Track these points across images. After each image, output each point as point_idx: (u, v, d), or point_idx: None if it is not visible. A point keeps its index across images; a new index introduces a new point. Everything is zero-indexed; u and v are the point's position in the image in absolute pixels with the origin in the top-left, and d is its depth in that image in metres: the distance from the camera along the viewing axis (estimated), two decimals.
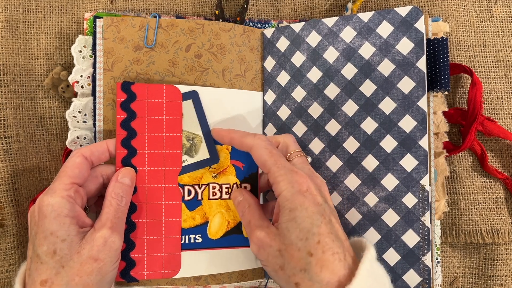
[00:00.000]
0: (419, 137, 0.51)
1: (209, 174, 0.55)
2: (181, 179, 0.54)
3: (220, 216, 0.55)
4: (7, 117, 0.58)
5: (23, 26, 0.61)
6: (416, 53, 0.52)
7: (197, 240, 0.54)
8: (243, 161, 0.56)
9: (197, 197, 0.54)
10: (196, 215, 0.54)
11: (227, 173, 0.55)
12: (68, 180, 0.47)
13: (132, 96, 0.53)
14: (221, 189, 0.55)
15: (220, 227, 0.55)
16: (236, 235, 0.55)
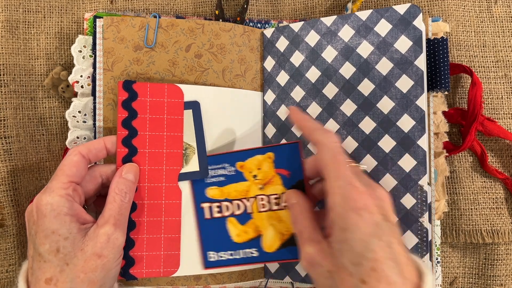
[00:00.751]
0: (418, 137, 0.51)
1: (255, 187, 0.53)
2: (228, 194, 0.54)
3: (273, 229, 0.53)
4: (7, 117, 0.58)
5: (23, 26, 0.61)
6: (414, 51, 0.52)
7: (253, 254, 0.53)
8: (288, 169, 0.53)
9: (247, 211, 0.53)
10: (248, 229, 0.53)
11: (274, 183, 0.53)
12: (66, 179, 0.46)
13: (133, 95, 0.53)
14: (269, 200, 0.53)
15: (275, 240, 0.53)
16: (292, 247, 0.52)
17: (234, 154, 0.54)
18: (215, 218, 0.54)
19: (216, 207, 0.54)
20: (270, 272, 0.59)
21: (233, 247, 0.53)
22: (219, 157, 0.54)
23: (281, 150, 0.52)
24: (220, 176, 0.54)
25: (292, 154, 0.52)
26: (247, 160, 0.53)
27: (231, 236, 0.53)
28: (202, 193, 0.54)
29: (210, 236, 0.54)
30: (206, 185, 0.54)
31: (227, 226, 0.54)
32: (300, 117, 0.49)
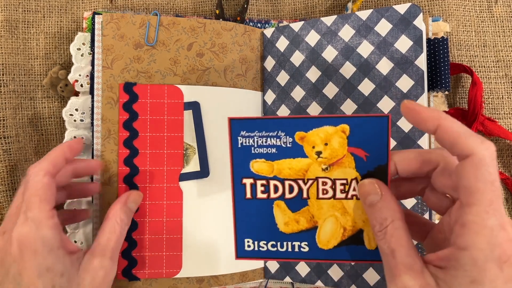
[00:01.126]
0: (418, 137, 0.51)
1: (317, 166, 0.41)
2: (279, 171, 0.42)
3: (333, 221, 0.42)
4: (6, 117, 0.58)
5: (22, 26, 0.61)
6: (415, 51, 0.52)
7: (303, 249, 0.43)
8: (367, 149, 0.41)
9: (302, 195, 0.42)
10: (300, 217, 0.43)
11: (343, 165, 0.41)
12: (48, 206, 0.42)
13: (134, 97, 0.53)
14: (334, 186, 0.42)
15: (333, 235, 0.43)
16: (355, 246, 0.42)
17: (294, 120, 0.41)
18: (258, 200, 0.43)
19: (261, 185, 0.43)
20: (270, 272, 0.59)
21: (278, 237, 0.43)
22: (272, 122, 0.41)
23: (361, 123, 0.40)
24: (271, 146, 0.42)
25: (376, 130, 0.40)
26: (311, 131, 0.41)
27: (277, 224, 0.43)
28: (244, 165, 0.42)
29: (250, 220, 0.43)
30: (251, 155, 0.42)
31: (273, 211, 0.43)
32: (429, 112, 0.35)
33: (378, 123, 0.40)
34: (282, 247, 0.43)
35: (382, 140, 0.40)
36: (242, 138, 0.41)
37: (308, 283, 0.58)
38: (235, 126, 0.40)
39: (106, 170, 0.53)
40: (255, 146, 0.42)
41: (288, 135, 0.41)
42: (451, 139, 0.33)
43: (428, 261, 0.35)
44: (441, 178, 0.37)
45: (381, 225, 0.36)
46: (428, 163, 0.37)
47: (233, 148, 0.42)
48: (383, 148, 0.40)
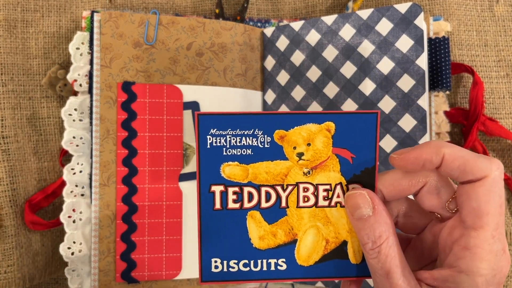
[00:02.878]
0: (419, 137, 0.51)
1: (298, 170, 0.36)
2: (255, 176, 0.36)
3: (315, 233, 0.37)
4: (5, 117, 0.58)
5: (21, 25, 0.61)
6: (415, 50, 0.52)
7: (280, 267, 0.37)
8: (354, 150, 0.36)
9: (280, 204, 0.37)
10: (278, 230, 0.37)
11: (327, 168, 0.37)
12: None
13: (132, 96, 0.52)
14: (317, 192, 0.37)
15: (315, 249, 0.37)
16: (339, 260, 0.38)
17: (273, 116, 0.36)
18: (229, 210, 0.37)
19: (233, 193, 0.37)
20: None
21: (251, 255, 0.37)
22: (248, 118, 0.35)
23: (347, 120, 0.36)
24: (246, 147, 0.36)
25: (364, 128, 0.36)
26: (292, 129, 0.36)
27: (251, 239, 0.37)
28: (214, 169, 0.36)
29: (218, 236, 0.37)
30: (222, 157, 0.36)
31: (246, 223, 0.37)
32: (434, 146, 0.33)
33: (366, 121, 0.36)
34: (256, 266, 0.37)
35: (371, 139, 0.36)
36: (212, 137, 0.35)
37: (308, 283, 0.57)
38: (204, 123, 0.35)
39: (105, 170, 0.53)
40: (227, 147, 0.36)
41: (266, 133, 0.36)
42: (460, 165, 0.32)
43: (421, 279, 0.33)
44: (430, 197, 0.35)
45: (374, 243, 0.33)
46: (415, 184, 0.35)
47: (200, 149, 0.36)
48: (371, 149, 0.36)
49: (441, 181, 0.35)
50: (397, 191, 0.35)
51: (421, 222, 0.38)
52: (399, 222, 0.38)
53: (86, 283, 0.55)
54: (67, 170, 0.56)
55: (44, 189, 0.59)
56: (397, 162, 0.34)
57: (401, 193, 0.35)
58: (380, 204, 0.34)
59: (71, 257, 0.54)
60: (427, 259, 0.37)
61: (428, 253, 0.37)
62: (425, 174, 0.35)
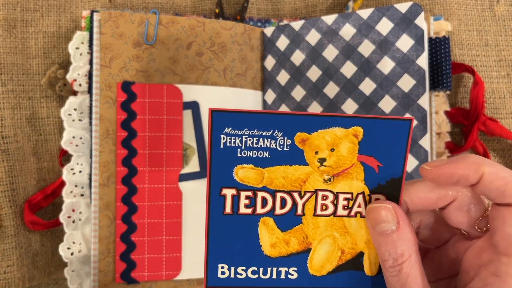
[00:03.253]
0: (420, 137, 0.51)
1: (318, 176, 0.34)
2: (271, 181, 0.34)
3: (331, 243, 0.36)
4: (4, 117, 0.57)
5: (21, 25, 0.61)
6: (416, 50, 0.52)
7: (290, 276, 0.36)
8: (381, 158, 0.34)
9: (296, 211, 0.35)
10: (291, 238, 0.35)
11: (350, 176, 0.34)
12: None
13: (132, 96, 0.52)
14: (336, 201, 0.35)
15: (329, 259, 0.36)
16: (354, 271, 0.36)
17: (295, 117, 0.33)
18: (240, 215, 0.35)
19: (245, 197, 0.35)
20: None
21: (261, 262, 0.36)
22: (267, 117, 0.33)
23: (377, 126, 0.33)
24: (263, 149, 0.33)
25: (394, 136, 0.33)
26: (315, 133, 0.33)
27: (262, 246, 0.35)
28: (226, 171, 0.34)
29: (227, 241, 0.35)
30: (236, 159, 0.33)
31: (257, 230, 0.35)
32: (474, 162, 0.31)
33: (398, 128, 0.33)
34: (266, 273, 0.36)
35: (401, 148, 0.33)
36: (227, 137, 0.33)
37: None
38: (218, 121, 0.32)
39: (105, 170, 0.53)
40: (242, 148, 0.33)
41: (287, 136, 0.33)
42: (500, 187, 0.29)
43: None
44: (458, 213, 0.33)
45: (395, 260, 0.31)
46: (444, 198, 0.32)
47: (213, 148, 0.33)
48: (400, 159, 0.33)
49: (473, 198, 0.33)
50: (424, 204, 0.33)
51: (444, 236, 0.36)
52: (420, 233, 0.36)
53: (86, 284, 0.55)
54: (66, 170, 0.56)
55: (44, 189, 0.59)
56: (429, 175, 0.32)
57: (428, 206, 0.34)
58: (405, 219, 0.32)
59: (70, 257, 0.54)
60: (445, 273, 0.35)
61: (448, 267, 0.35)
62: (457, 189, 0.32)
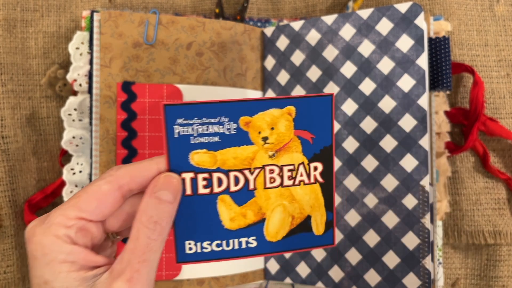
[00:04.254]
0: (419, 137, 0.51)
1: (263, 153, 0.39)
2: (223, 162, 0.38)
3: (282, 211, 0.40)
4: (4, 117, 0.57)
5: (21, 25, 0.61)
6: (416, 50, 0.52)
7: (250, 244, 0.40)
8: (313, 131, 0.39)
9: (248, 186, 0.39)
10: (247, 211, 0.40)
11: (290, 150, 0.39)
12: (74, 213, 0.34)
13: (132, 96, 0.52)
14: (282, 173, 0.39)
15: (282, 225, 0.40)
16: (304, 233, 0.41)
17: (237, 104, 0.38)
18: (200, 196, 0.38)
19: (202, 179, 0.38)
20: (271, 273, 0.59)
21: (223, 235, 0.40)
22: (214, 106, 0.37)
23: (306, 104, 0.39)
24: (214, 135, 0.38)
25: (321, 110, 0.39)
26: (256, 115, 0.38)
27: (222, 221, 0.39)
28: (183, 158, 0.37)
29: (190, 220, 0.39)
30: (190, 146, 0.37)
31: (217, 207, 0.39)
32: None
33: (322, 103, 0.39)
34: (228, 245, 0.40)
35: (327, 120, 0.39)
36: (180, 127, 0.37)
37: (308, 284, 0.57)
38: (170, 113, 0.36)
39: (105, 170, 0.53)
40: (194, 135, 0.37)
41: (232, 120, 0.38)
42: None
43: None
44: None
45: None
46: None
47: (168, 138, 0.37)
48: (328, 129, 0.39)
49: None
50: None
51: None
52: None
53: None
54: (66, 170, 0.56)
55: (44, 189, 0.59)
56: None
57: None
58: None
59: None
60: None
61: None
62: None
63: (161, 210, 0.34)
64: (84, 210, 0.33)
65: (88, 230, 0.34)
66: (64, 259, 0.33)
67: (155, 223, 0.34)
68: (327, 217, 0.41)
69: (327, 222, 0.41)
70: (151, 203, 0.34)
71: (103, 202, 0.34)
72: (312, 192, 0.40)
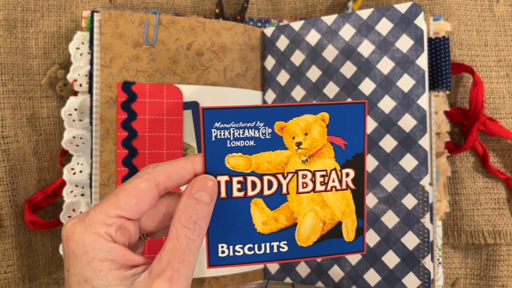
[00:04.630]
0: (419, 137, 0.51)
1: (297, 158, 0.39)
2: (258, 166, 0.38)
3: (313, 216, 0.40)
4: (5, 117, 0.57)
5: (21, 25, 0.61)
6: (416, 50, 0.52)
7: (282, 249, 0.40)
8: (345, 137, 0.40)
9: (281, 191, 0.39)
10: (280, 215, 0.40)
11: (323, 155, 0.40)
12: (114, 211, 0.34)
13: (133, 96, 0.52)
14: (314, 178, 0.40)
15: (313, 231, 0.40)
16: (335, 239, 0.41)
17: (273, 109, 0.38)
18: (234, 199, 0.39)
19: (237, 182, 0.39)
20: (270, 273, 0.59)
21: (255, 239, 0.40)
22: (250, 111, 0.38)
23: (339, 110, 0.39)
24: (249, 139, 0.38)
25: (354, 117, 0.39)
26: (291, 121, 0.39)
27: (255, 224, 0.40)
28: (219, 161, 0.38)
29: (223, 223, 0.39)
30: (226, 149, 0.38)
31: (250, 210, 0.39)
32: None
33: (356, 110, 0.39)
34: (260, 249, 0.40)
35: (360, 126, 0.39)
36: (217, 131, 0.37)
37: (308, 283, 0.57)
38: (209, 117, 0.37)
39: (105, 170, 0.53)
40: (231, 139, 0.38)
41: (267, 125, 0.38)
42: None
43: None
44: None
45: None
46: None
47: (205, 141, 0.37)
48: (361, 135, 0.39)
49: None
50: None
51: None
52: None
53: None
54: (67, 170, 0.56)
55: (44, 189, 0.59)
56: None
57: None
58: None
59: None
60: None
61: None
62: None
63: (200, 211, 0.35)
64: (123, 208, 0.34)
65: (127, 228, 0.35)
66: (105, 257, 0.33)
67: (194, 223, 0.34)
68: (357, 223, 0.40)
69: (358, 228, 0.41)
70: (190, 204, 0.35)
71: (141, 199, 0.35)
72: (343, 198, 0.40)
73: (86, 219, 0.34)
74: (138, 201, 0.35)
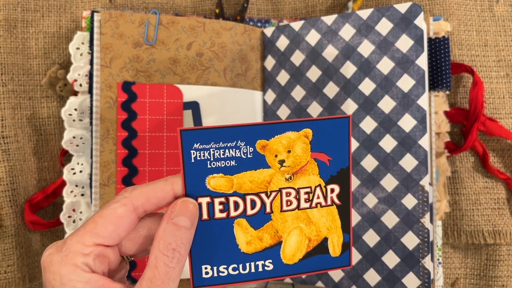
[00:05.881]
0: (419, 137, 0.51)
1: (280, 176, 0.38)
2: (240, 186, 0.37)
3: (298, 233, 0.40)
4: (5, 117, 0.57)
5: (21, 25, 0.61)
6: (415, 50, 0.52)
7: (267, 268, 0.39)
8: (329, 153, 0.39)
9: (265, 210, 0.38)
10: (264, 234, 0.39)
11: (307, 172, 0.39)
12: (91, 240, 0.33)
13: (133, 96, 0.52)
14: (298, 196, 0.39)
15: (299, 248, 0.40)
16: (321, 255, 0.40)
17: (254, 127, 0.37)
18: (216, 220, 0.38)
19: (219, 203, 0.38)
20: None
21: (239, 259, 0.39)
22: (230, 130, 0.37)
23: (323, 126, 0.38)
24: (230, 159, 0.37)
25: (338, 132, 0.38)
26: (273, 138, 0.38)
27: (239, 244, 0.39)
28: (199, 182, 0.37)
29: (206, 244, 0.38)
30: (206, 170, 0.37)
31: (233, 231, 0.39)
32: None
33: (339, 125, 0.38)
34: (245, 269, 0.39)
35: (344, 141, 0.39)
36: (196, 152, 0.36)
37: (308, 283, 0.57)
38: (187, 138, 0.36)
39: (105, 170, 0.53)
40: (211, 160, 0.37)
41: (249, 144, 0.37)
42: None
43: None
44: None
45: None
46: None
47: (185, 163, 0.36)
48: (345, 150, 0.39)
49: None
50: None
51: None
52: None
53: None
54: (67, 170, 0.56)
55: (44, 189, 0.59)
56: None
57: None
58: None
59: None
60: None
61: None
62: None
63: (179, 237, 0.34)
64: (101, 236, 0.33)
65: (106, 255, 0.34)
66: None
67: (173, 250, 0.33)
68: (343, 238, 0.40)
69: (344, 243, 0.40)
70: (169, 230, 0.34)
71: (119, 225, 0.34)
72: (329, 214, 0.39)
73: (63, 248, 0.33)
74: (116, 227, 0.34)
